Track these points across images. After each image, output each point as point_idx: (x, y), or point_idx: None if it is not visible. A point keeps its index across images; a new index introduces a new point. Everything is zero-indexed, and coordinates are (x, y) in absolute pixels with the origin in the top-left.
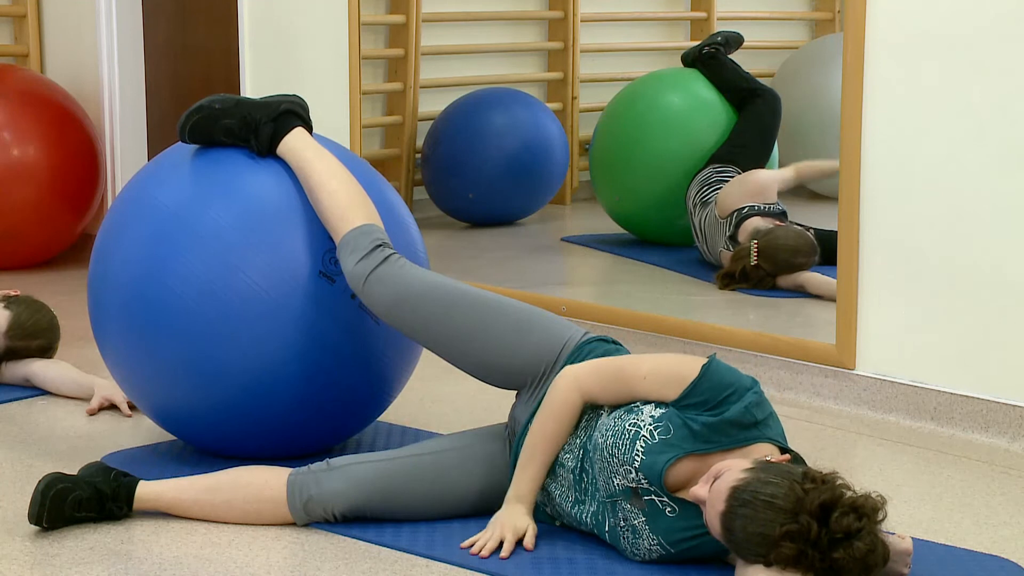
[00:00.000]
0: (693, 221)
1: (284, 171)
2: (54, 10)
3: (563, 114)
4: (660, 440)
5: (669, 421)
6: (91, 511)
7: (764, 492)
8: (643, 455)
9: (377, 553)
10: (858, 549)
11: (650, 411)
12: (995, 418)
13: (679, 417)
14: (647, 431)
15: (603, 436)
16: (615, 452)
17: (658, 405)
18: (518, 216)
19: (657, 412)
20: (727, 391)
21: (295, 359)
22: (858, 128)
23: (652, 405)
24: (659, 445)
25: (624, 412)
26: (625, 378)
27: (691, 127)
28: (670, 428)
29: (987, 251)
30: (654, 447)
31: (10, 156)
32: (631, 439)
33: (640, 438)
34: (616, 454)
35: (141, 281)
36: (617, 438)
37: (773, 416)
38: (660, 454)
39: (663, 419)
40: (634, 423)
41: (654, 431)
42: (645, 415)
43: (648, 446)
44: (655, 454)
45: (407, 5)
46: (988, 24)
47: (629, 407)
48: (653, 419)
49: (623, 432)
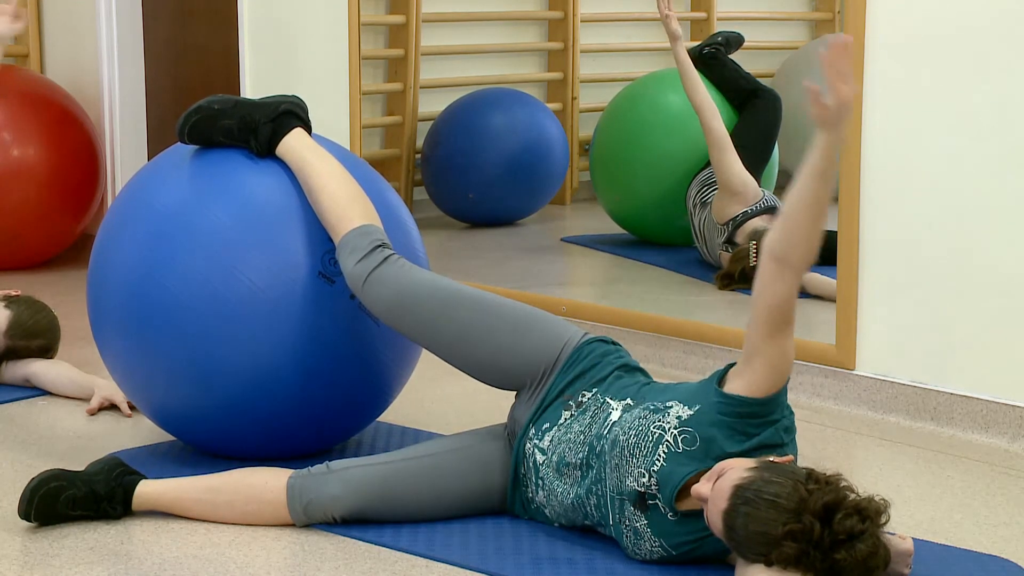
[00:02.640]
0: (693, 222)
1: (283, 172)
2: (54, 10)
3: (563, 114)
4: (684, 451)
5: (696, 430)
6: (86, 510)
7: (768, 491)
8: (664, 461)
9: (377, 553)
10: (860, 551)
11: (677, 412)
12: (995, 418)
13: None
14: (671, 436)
15: (625, 434)
16: (636, 452)
17: (688, 406)
18: (518, 216)
19: (685, 413)
20: (776, 413)
21: (294, 360)
22: (858, 128)
23: (681, 405)
24: (682, 456)
25: (651, 412)
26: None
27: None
28: (696, 439)
29: (987, 251)
30: (677, 456)
31: (10, 156)
32: (655, 442)
33: (664, 442)
34: (637, 454)
35: (140, 281)
36: (640, 439)
37: (794, 434)
38: (682, 466)
39: (690, 424)
40: (659, 425)
41: (678, 437)
42: (671, 416)
43: (671, 453)
44: (676, 464)
45: (407, 5)
46: (988, 24)
47: (656, 407)
48: (680, 421)
49: (647, 433)
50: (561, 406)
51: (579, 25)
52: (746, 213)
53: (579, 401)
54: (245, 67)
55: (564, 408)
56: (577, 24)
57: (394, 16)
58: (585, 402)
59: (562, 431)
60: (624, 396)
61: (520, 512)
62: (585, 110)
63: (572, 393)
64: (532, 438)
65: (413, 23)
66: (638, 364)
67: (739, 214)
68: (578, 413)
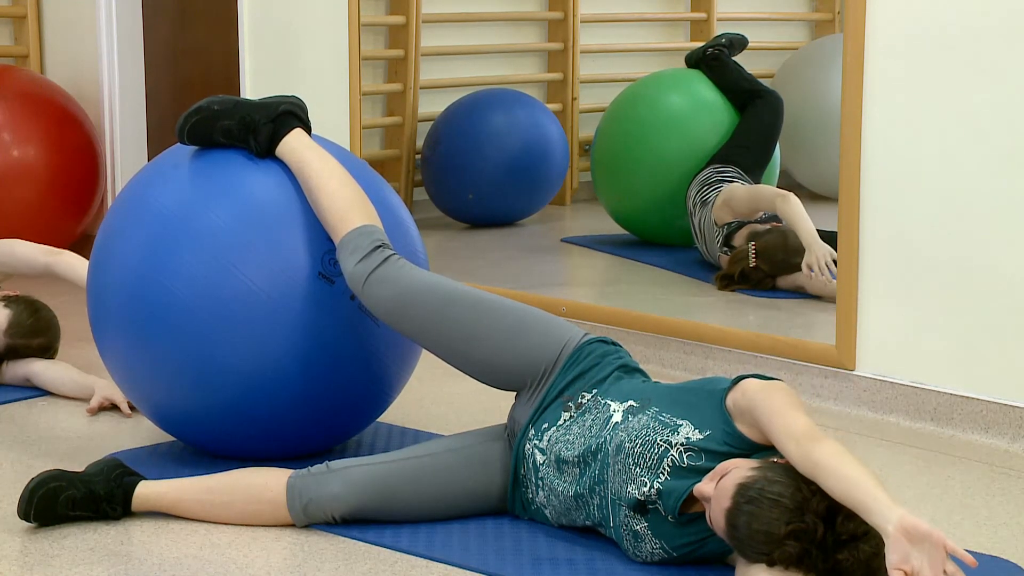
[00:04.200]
0: (693, 222)
1: (283, 172)
2: (54, 11)
3: (563, 115)
4: (690, 467)
5: (704, 452)
6: (85, 511)
7: (771, 490)
8: (668, 475)
9: (377, 554)
10: (863, 551)
11: (687, 432)
12: (995, 419)
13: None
14: (677, 451)
15: (631, 441)
16: (640, 462)
17: (699, 429)
18: (518, 217)
19: (695, 436)
20: None
21: (295, 360)
22: (858, 128)
23: (692, 427)
24: (687, 471)
25: (660, 426)
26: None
27: (692, 128)
28: (702, 457)
29: (987, 251)
30: (681, 471)
31: (10, 157)
32: (660, 454)
33: (669, 456)
34: (641, 464)
35: (140, 282)
36: (645, 448)
37: None
38: (686, 480)
39: (699, 445)
40: (667, 440)
41: (684, 454)
42: (681, 435)
43: (675, 467)
44: (680, 479)
45: (407, 6)
46: (988, 24)
47: (665, 422)
48: (688, 442)
49: (653, 445)
50: (560, 407)
51: (579, 26)
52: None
53: (579, 403)
54: (245, 67)
55: (563, 409)
56: (577, 25)
57: (394, 17)
58: (585, 403)
59: (561, 431)
60: (626, 398)
61: (520, 512)
62: (585, 111)
63: (572, 394)
64: (532, 439)
65: (413, 23)
66: (638, 365)
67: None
68: (578, 415)
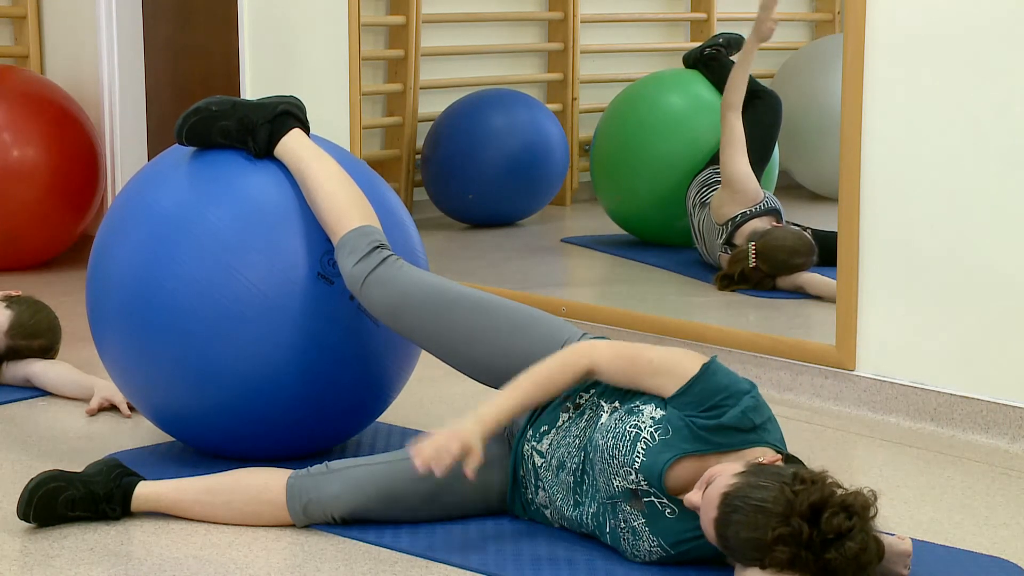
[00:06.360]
0: (692, 222)
1: (282, 173)
2: (54, 11)
3: (563, 115)
4: (660, 441)
5: (668, 423)
6: (85, 511)
7: (754, 497)
8: (643, 456)
9: (377, 554)
10: (850, 549)
11: (650, 412)
12: (995, 419)
13: (679, 419)
14: (648, 433)
15: (603, 438)
16: (616, 454)
17: (658, 406)
18: (518, 217)
19: (658, 414)
20: (721, 395)
21: (294, 361)
22: (858, 128)
23: (652, 406)
24: (659, 446)
25: (625, 414)
26: (633, 358)
27: (692, 128)
28: (669, 429)
29: (987, 251)
30: (653, 448)
31: (10, 157)
32: (632, 441)
33: (641, 439)
34: (617, 456)
35: (140, 282)
36: (618, 440)
37: (772, 420)
38: (659, 454)
39: (663, 421)
40: (635, 424)
41: (655, 432)
42: (646, 416)
43: (648, 448)
44: (655, 455)
45: (407, 6)
46: (988, 25)
47: (630, 408)
48: (654, 420)
49: (624, 434)
50: (559, 407)
51: (579, 26)
52: (745, 214)
53: (577, 403)
54: (245, 67)
55: (562, 410)
56: (577, 25)
57: (394, 17)
58: (583, 404)
59: (560, 434)
60: (613, 399)
61: (520, 513)
62: (585, 111)
63: (571, 394)
64: (530, 440)
65: (413, 24)
66: None
67: (738, 215)
68: (576, 416)
